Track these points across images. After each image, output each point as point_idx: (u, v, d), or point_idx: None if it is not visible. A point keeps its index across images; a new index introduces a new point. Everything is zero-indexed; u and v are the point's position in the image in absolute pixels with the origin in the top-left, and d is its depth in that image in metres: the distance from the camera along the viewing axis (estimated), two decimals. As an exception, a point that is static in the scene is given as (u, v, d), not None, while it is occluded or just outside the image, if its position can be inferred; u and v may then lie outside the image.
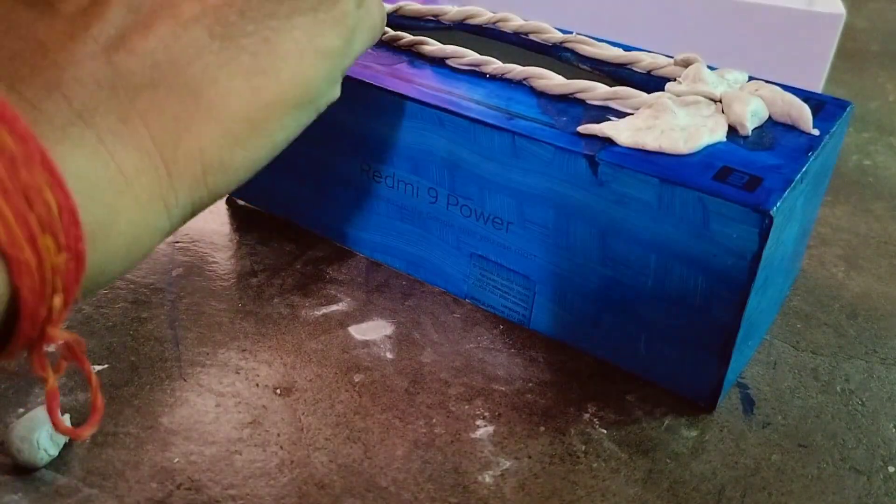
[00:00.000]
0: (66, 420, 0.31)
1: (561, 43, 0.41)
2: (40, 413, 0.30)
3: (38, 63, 0.19)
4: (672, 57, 0.39)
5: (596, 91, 0.36)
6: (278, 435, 0.32)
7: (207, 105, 0.21)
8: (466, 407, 0.33)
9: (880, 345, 0.39)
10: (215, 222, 0.45)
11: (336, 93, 0.27)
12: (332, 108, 0.39)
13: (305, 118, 0.26)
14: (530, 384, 0.35)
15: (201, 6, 0.21)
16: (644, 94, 0.35)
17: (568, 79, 0.37)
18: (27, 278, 0.17)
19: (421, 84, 0.37)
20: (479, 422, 0.33)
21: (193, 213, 0.23)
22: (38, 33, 0.19)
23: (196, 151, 0.21)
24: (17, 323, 0.18)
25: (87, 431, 0.20)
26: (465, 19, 0.44)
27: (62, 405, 0.32)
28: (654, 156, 0.32)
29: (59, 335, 0.19)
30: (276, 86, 0.23)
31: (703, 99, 0.35)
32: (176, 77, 0.21)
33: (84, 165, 0.19)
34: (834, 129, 0.35)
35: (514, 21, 0.43)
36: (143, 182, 0.20)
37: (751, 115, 0.34)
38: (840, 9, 0.54)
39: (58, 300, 0.18)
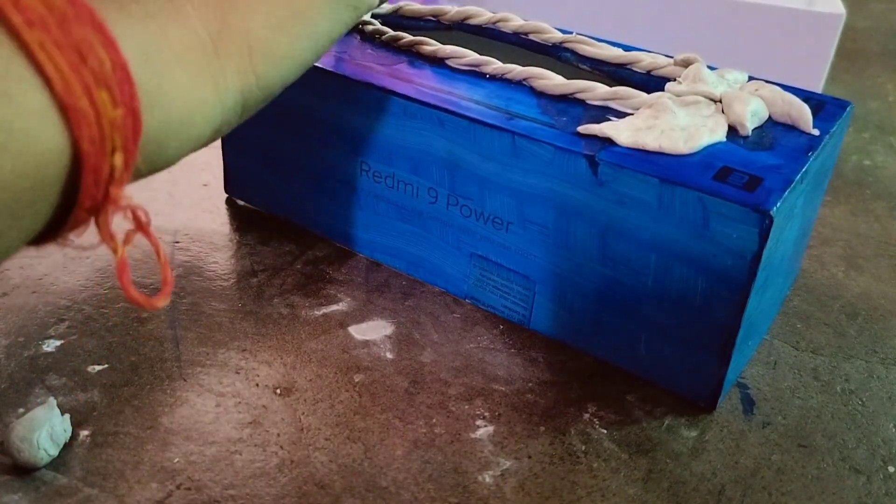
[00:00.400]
0: (66, 421, 0.31)
1: (561, 43, 0.41)
2: (40, 413, 0.30)
3: None
4: (672, 57, 0.39)
5: (596, 91, 0.36)
6: (278, 435, 0.32)
7: None
8: (466, 407, 0.33)
9: (880, 345, 0.39)
10: (215, 222, 0.45)
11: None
12: (333, 108, 0.39)
13: (345, 14, 0.27)
14: (530, 384, 0.35)
15: None
16: (644, 94, 0.35)
17: (568, 79, 0.37)
18: (86, 129, 0.17)
19: (421, 84, 0.37)
20: (479, 422, 0.33)
21: (245, 107, 0.23)
22: None
23: (241, 32, 0.22)
24: (81, 180, 0.18)
25: (161, 302, 0.20)
26: (464, 19, 0.44)
27: (61, 405, 0.32)
28: (654, 156, 0.32)
29: (125, 198, 0.19)
30: None
31: (703, 99, 0.35)
32: None
33: (134, 33, 0.19)
34: (834, 129, 0.35)
35: (514, 21, 0.43)
36: (191, 57, 0.21)
37: (751, 115, 0.34)
38: (840, 9, 0.54)
39: (118, 158, 0.18)
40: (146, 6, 0.20)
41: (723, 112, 0.35)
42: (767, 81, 0.37)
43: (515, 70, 0.38)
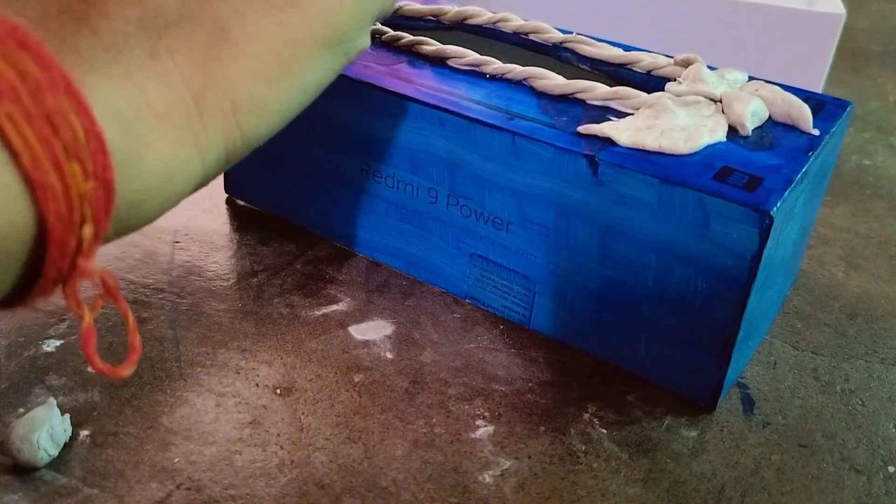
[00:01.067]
0: (66, 421, 0.31)
1: (561, 43, 0.41)
2: (40, 413, 0.30)
3: (67, 2, 0.19)
4: (672, 57, 0.39)
5: (596, 91, 0.36)
6: (278, 435, 0.32)
7: (235, 40, 0.21)
8: (466, 407, 0.33)
9: (880, 345, 0.39)
10: (215, 222, 0.45)
11: (366, 41, 0.27)
12: (332, 108, 0.39)
13: (335, 62, 0.25)
14: (530, 384, 0.35)
15: None
16: (644, 94, 0.35)
17: (568, 79, 0.37)
18: (53, 204, 0.17)
19: (421, 84, 0.37)
20: (479, 422, 0.33)
21: (228, 161, 0.23)
22: None
23: (225, 88, 0.21)
24: (47, 252, 0.17)
25: (126, 371, 0.19)
26: (464, 19, 0.44)
27: (61, 405, 0.32)
28: (654, 156, 0.32)
29: (92, 269, 0.18)
30: (303, 21, 0.23)
31: (703, 99, 0.35)
32: (203, 12, 0.21)
33: (112, 96, 0.19)
34: (834, 129, 0.35)
35: (514, 21, 0.43)
36: (172, 117, 0.20)
37: (751, 115, 0.34)
38: (840, 9, 0.54)
39: (87, 230, 0.18)
40: (127, 65, 0.19)
41: (723, 112, 0.35)
42: (767, 81, 0.37)
43: (515, 70, 0.38)
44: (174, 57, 0.20)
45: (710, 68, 0.37)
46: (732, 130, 0.34)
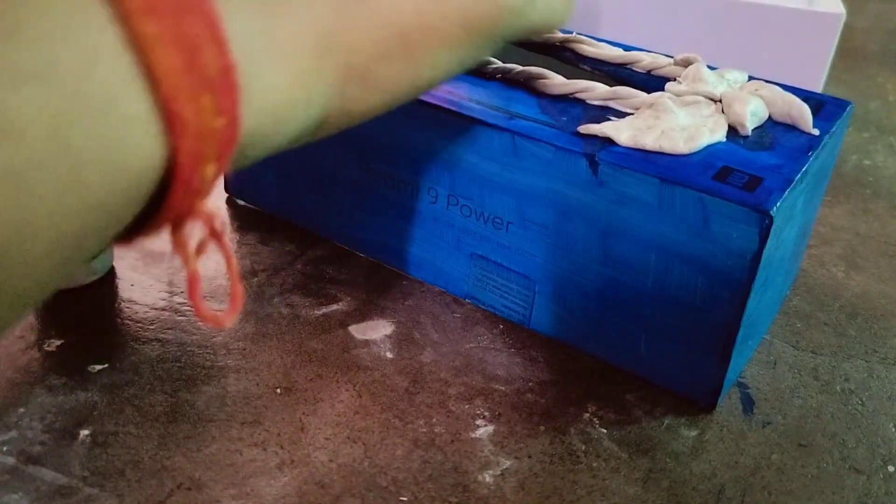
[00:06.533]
0: None
1: (561, 43, 0.41)
2: None
3: None
4: (672, 57, 0.39)
5: (596, 91, 0.36)
6: (278, 434, 0.32)
7: (370, 7, 0.20)
8: (466, 406, 0.33)
9: (880, 344, 0.39)
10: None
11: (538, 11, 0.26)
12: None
13: (467, 57, 0.24)
14: (530, 384, 0.35)
15: None
16: (644, 94, 0.35)
17: (568, 79, 0.37)
18: (186, 140, 0.15)
19: (421, 84, 0.37)
20: (479, 421, 0.33)
21: (320, 129, 0.21)
22: None
23: (345, 49, 0.20)
24: (169, 191, 0.16)
25: (230, 320, 0.18)
26: (465, 19, 0.44)
27: (61, 404, 0.32)
28: (654, 156, 0.32)
29: (207, 211, 0.17)
30: (439, 8, 0.22)
31: (703, 99, 0.35)
32: None
33: (242, 27, 0.17)
34: (834, 128, 0.35)
35: (514, 21, 0.43)
36: (293, 61, 0.18)
37: (751, 114, 0.34)
38: (840, 8, 0.54)
39: (210, 170, 0.16)
40: (263, 3, 0.17)
41: (723, 112, 0.35)
42: (767, 81, 0.37)
43: (515, 70, 0.38)
44: (309, 5, 0.19)
45: (710, 68, 0.37)
46: (732, 130, 0.34)
